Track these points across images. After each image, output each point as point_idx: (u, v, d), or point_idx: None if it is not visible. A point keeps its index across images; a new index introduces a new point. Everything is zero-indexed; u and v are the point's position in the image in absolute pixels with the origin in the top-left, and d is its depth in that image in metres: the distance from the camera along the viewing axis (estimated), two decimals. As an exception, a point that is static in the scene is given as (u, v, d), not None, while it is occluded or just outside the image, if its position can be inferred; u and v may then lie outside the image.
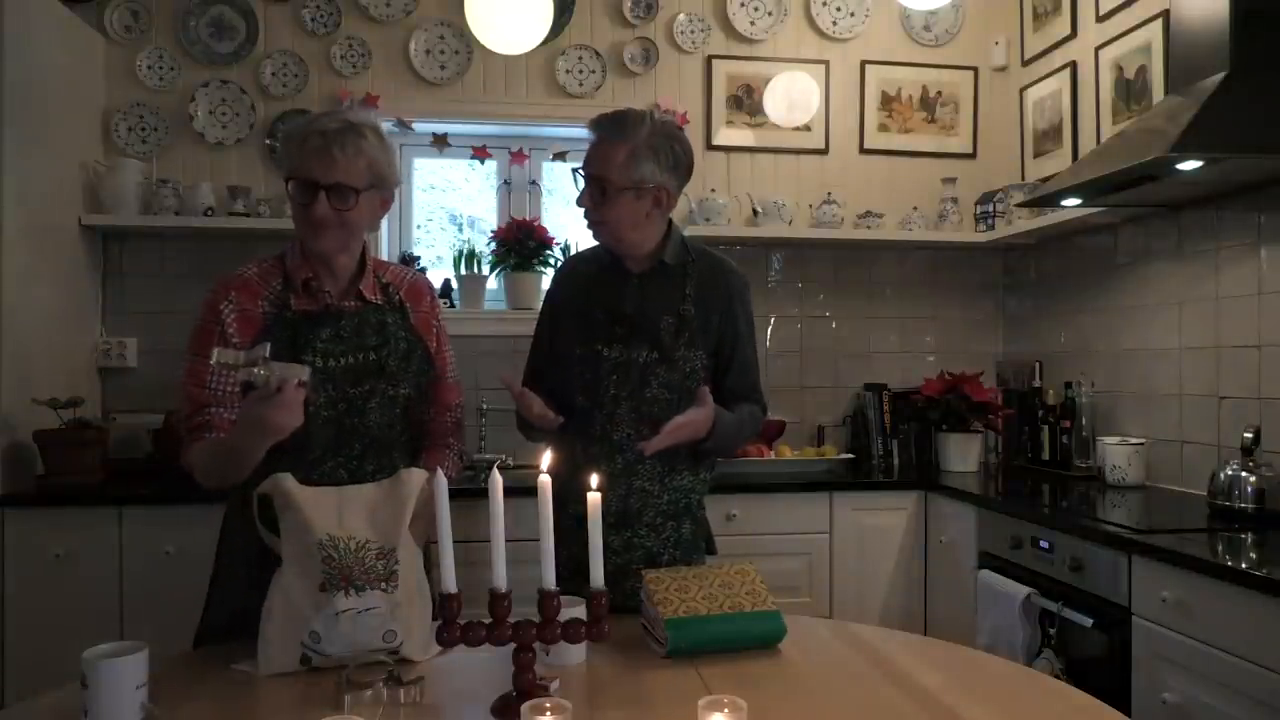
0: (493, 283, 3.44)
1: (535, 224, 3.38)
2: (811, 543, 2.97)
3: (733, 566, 1.57)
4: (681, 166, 1.79)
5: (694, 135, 3.52)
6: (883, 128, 3.64)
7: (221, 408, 1.57)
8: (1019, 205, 3.12)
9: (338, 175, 1.56)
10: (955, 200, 3.53)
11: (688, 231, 2.67)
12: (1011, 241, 3.44)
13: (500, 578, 1.21)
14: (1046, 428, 3.18)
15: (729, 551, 1.96)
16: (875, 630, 1.71)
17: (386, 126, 3.39)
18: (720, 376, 1.85)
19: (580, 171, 1.80)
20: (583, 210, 1.80)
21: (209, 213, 3.13)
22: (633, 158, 1.72)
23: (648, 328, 1.79)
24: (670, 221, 1.86)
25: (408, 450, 1.72)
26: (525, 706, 1.01)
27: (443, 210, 3.72)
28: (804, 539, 2.96)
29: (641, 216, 1.77)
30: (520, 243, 3.33)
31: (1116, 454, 2.80)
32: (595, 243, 1.88)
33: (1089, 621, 2.13)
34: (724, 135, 3.55)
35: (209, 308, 1.61)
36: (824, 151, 3.60)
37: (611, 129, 1.75)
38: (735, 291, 1.87)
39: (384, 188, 1.65)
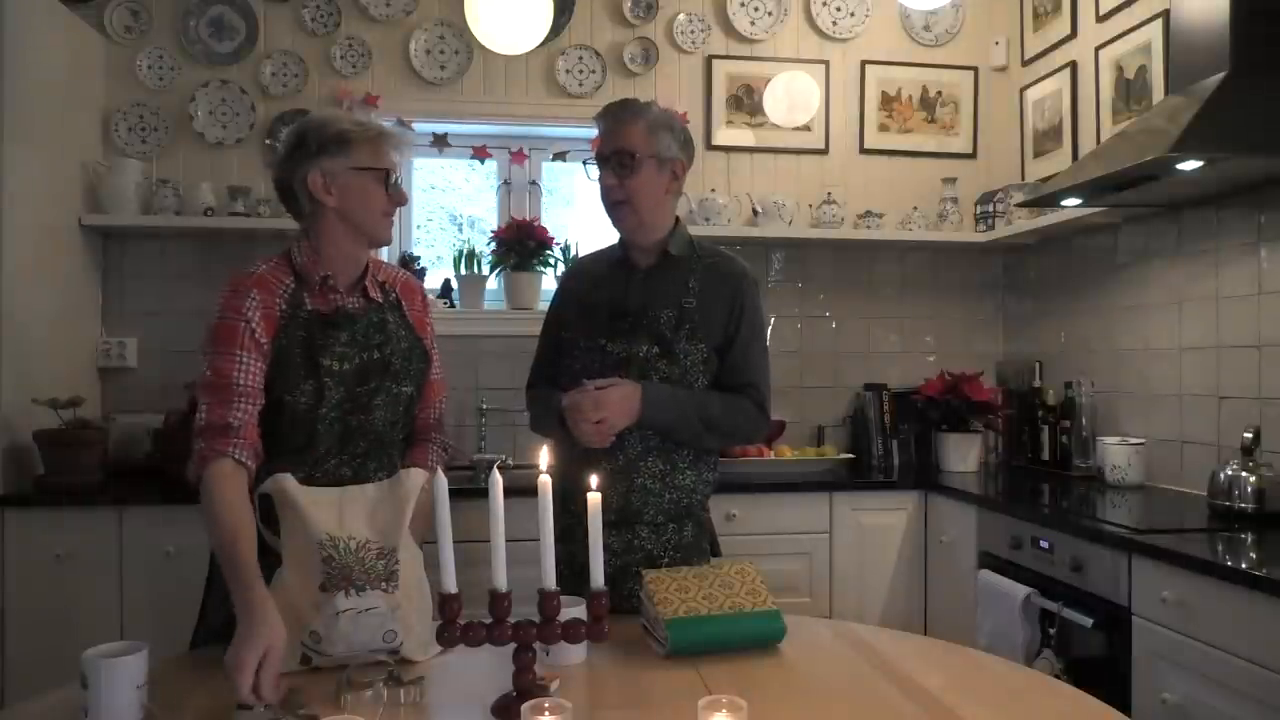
0: (493, 283, 3.44)
1: (535, 224, 3.38)
2: (811, 543, 2.97)
3: (733, 566, 1.57)
4: (689, 145, 1.87)
5: (694, 135, 3.51)
6: (883, 128, 3.64)
7: (248, 402, 1.51)
8: (1019, 205, 3.12)
9: (394, 168, 1.66)
10: (955, 200, 3.53)
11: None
12: (1011, 241, 3.44)
13: (500, 578, 1.21)
14: (1046, 428, 3.18)
15: (729, 551, 1.96)
16: (875, 630, 1.71)
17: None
18: (720, 372, 1.86)
19: (593, 161, 1.83)
20: (605, 194, 1.81)
21: (209, 213, 3.13)
22: (651, 131, 1.80)
23: (649, 321, 1.81)
24: (677, 218, 1.90)
25: (403, 449, 1.73)
26: (525, 706, 1.01)
27: (443, 210, 3.72)
28: (804, 539, 2.96)
29: (662, 192, 1.84)
30: (520, 243, 3.33)
31: (1116, 454, 2.80)
32: (600, 246, 1.90)
33: (1089, 621, 2.13)
34: (724, 135, 3.55)
35: (233, 307, 1.55)
36: (824, 151, 3.61)
37: (624, 109, 1.83)
38: (741, 288, 1.87)
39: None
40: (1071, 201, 2.74)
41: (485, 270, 3.40)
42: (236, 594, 1.34)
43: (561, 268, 3.31)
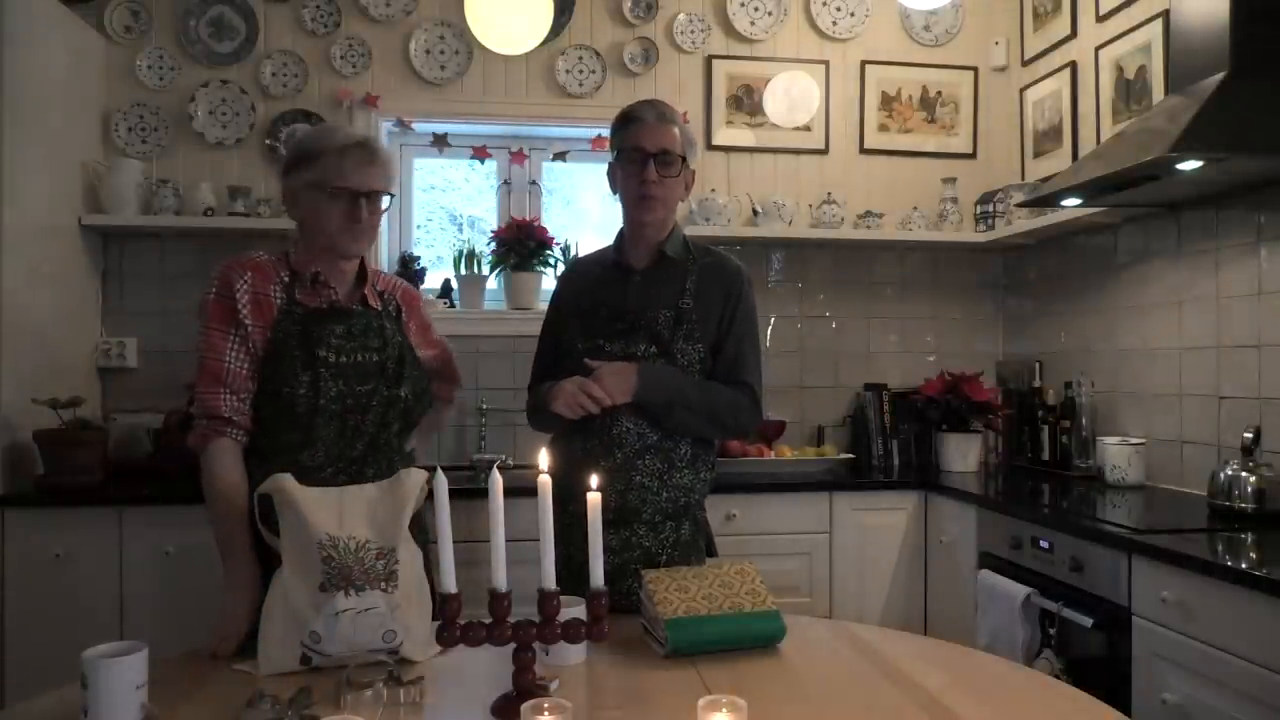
0: (493, 283, 3.44)
1: (535, 224, 3.38)
2: (811, 543, 2.96)
3: (732, 566, 1.58)
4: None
5: (694, 135, 3.51)
6: (883, 128, 3.64)
7: (236, 396, 1.61)
8: (1019, 205, 3.12)
9: (375, 183, 1.67)
10: (955, 200, 3.53)
11: (687, 231, 2.67)
12: (1011, 241, 3.44)
13: (500, 578, 1.21)
14: (1046, 428, 3.18)
15: (729, 551, 1.97)
16: (875, 630, 1.71)
17: (386, 126, 3.41)
18: (714, 367, 1.87)
19: (631, 151, 1.83)
20: (640, 187, 1.82)
21: (209, 213, 3.13)
22: (684, 138, 1.87)
23: (647, 322, 1.84)
24: (675, 221, 1.94)
25: (405, 456, 1.75)
26: (525, 706, 1.01)
27: (443, 210, 3.72)
28: (804, 539, 2.96)
29: (678, 197, 1.89)
30: (520, 243, 3.33)
31: (1116, 454, 2.80)
32: (597, 247, 1.93)
33: (1089, 621, 2.13)
34: (724, 135, 3.55)
35: (224, 283, 1.64)
36: (824, 151, 3.60)
37: (668, 110, 1.88)
38: (737, 287, 1.90)
39: (393, 195, 1.76)
40: (1071, 201, 2.74)
41: (485, 270, 3.40)
42: (225, 561, 1.55)
43: (561, 268, 3.31)
